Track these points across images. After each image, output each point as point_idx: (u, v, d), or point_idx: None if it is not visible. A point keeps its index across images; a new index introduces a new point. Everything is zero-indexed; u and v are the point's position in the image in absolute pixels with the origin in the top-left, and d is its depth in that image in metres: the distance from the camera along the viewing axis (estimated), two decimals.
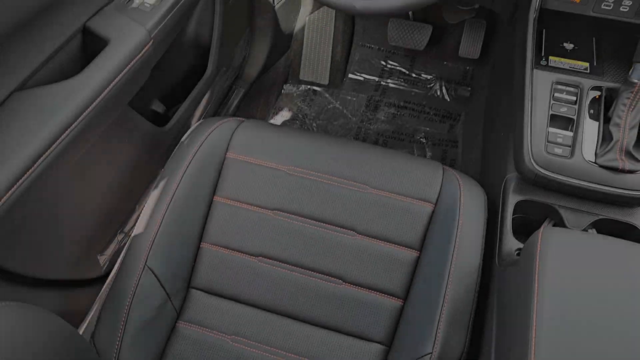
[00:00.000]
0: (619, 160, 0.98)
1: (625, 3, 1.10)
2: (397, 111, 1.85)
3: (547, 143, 1.02)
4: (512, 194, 1.06)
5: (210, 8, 1.45)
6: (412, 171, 1.05)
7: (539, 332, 0.66)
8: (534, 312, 0.68)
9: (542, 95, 1.06)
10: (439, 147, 1.74)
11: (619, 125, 0.99)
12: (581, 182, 0.99)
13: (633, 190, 0.98)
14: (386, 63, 1.95)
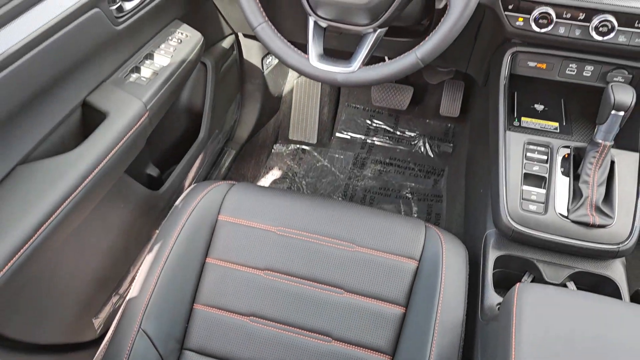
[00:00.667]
0: (590, 216, 1.04)
1: (587, 68, 1.18)
2: (383, 168, 1.92)
3: (522, 200, 1.08)
4: (492, 250, 1.11)
5: (202, 77, 1.54)
6: (396, 229, 1.10)
7: None
8: None
9: (515, 155, 1.13)
10: (424, 202, 1.80)
11: (588, 183, 1.06)
12: (555, 237, 1.04)
13: (604, 244, 1.03)
14: (371, 122, 2.04)
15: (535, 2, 1.06)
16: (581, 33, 1.07)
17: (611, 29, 1.03)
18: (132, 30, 1.15)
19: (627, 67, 1.15)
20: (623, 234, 1.03)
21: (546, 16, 1.05)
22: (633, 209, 1.05)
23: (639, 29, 1.04)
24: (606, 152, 1.05)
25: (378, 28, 1.01)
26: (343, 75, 1.01)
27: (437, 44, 0.96)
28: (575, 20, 1.06)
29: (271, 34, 1.05)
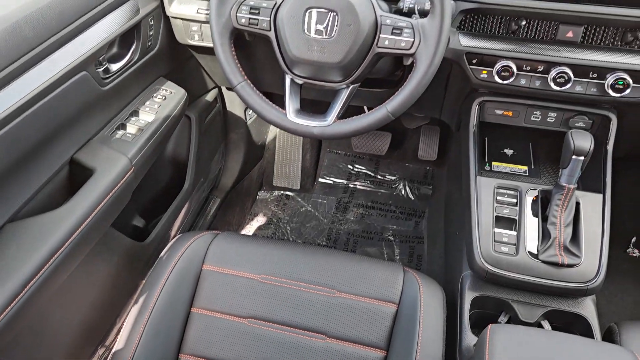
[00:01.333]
0: (559, 256, 1.09)
1: (550, 115, 1.26)
2: (366, 211, 1.97)
3: (494, 242, 1.13)
4: (468, 291, 1.15)
5: (187, 130, 1.60)
6: (375, 274, 1.14)
7: None
8: None
9: (486, 199, 1.18)
10: (406, 244, 1.84)
11: (555, 224, 1.11)
12: (527, 277, 1.09)
13: (574, 282, 1.08)
14: (353, 167, 2.10)
15: (496, 56, 1.14)
16: (541, 84, 1.14)
17: (568, 80, 1.11)
18: (118, 89, 1.21)
19: (587, 114, 1.23)
20: (591, 273, 1.08)
21: (508, 69, 1.13)
22: (599, 248, 1.10)
23: (593, 80, 1.11)
24: (571, 195, 1.11)
25: (351, 84, 1.08)
26: (319, 128, 1.07)
27: (405, 98, 1.03)
28: (535, 73, 1.14)
29: (250, 92, 1.11)
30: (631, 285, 1.70)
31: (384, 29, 1.00)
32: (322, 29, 1.01)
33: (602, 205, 1.15)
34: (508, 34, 1.14)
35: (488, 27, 1.15)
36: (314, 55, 1.03)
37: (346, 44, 1.00)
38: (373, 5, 1.02)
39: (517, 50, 1.13)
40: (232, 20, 1.06)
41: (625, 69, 1.09)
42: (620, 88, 1.09)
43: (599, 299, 1.63)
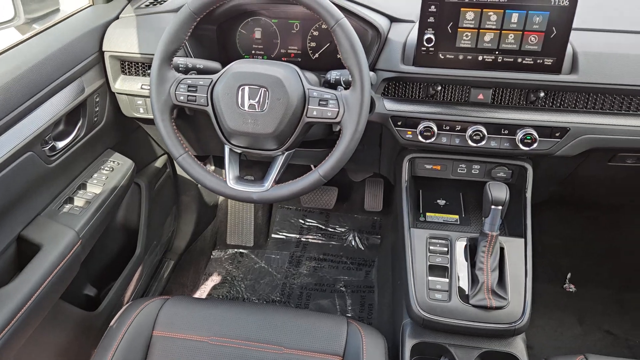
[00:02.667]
0: (487, 299, 1.17)
1: (474, 167, 1.37)
2: (318, 264, 2.03)
3: (429, 290, 1.21)
4: (408, 339, 1.21)
5: (137, 197, 1.64)
6: (321, 328, 1.19)
7: None
8: None
9: (420, 250, 1.27)
10: (357, 294, 1.90)
11: (483, 269, 1.20)
12: (461, 322, 1.16)
13: (502, 323, 1.16)
14: (304, 221, 2.17)
15: (418, 118, 1.25)
16: (460, 141, 1.26)
17: (483, 137, 1.23)
18: (65, 165, 1.26)
19: (506, 165, 1.35)
20: (517, 313, 1.16)
21: (429, 129, 1.24)
22: (523, 289, 1.19)
23: (505, 136, 1.24)
24: (494, 241, 1.20)
25: (286, 151, 1.16)
26: (257, 194, 1.14)
27: (335, 163, 1.11)
28: (454, 132, 1.25)
29: (191, 163, 1.18)
30: (569, 320, 1.80)
31: (312, 100, 1.10)
32: (254, 103, 1.10)
33: (524, 249, 1.25)
34: (428, 97, 1.26)
35: (409, 92, 1.27)
36: (248, 127, 1.11)
37: (277, 116, 1.09)
38: (301, 80, 1.12)
39: (436, 112, 1.24)
40: (172, 97, 1.14)
41: (532, 125, 1.22)
42: (529, 142, 1.22)
43: (538, 333, 1.72)
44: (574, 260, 1.98)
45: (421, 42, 1.18)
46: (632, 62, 1.17)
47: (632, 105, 1.20)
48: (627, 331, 1.75)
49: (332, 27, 1.05)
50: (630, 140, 1.21)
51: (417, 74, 1.21)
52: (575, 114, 1.21)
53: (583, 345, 1.71)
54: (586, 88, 1.18)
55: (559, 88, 1.19)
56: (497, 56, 1.17)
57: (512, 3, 1.11)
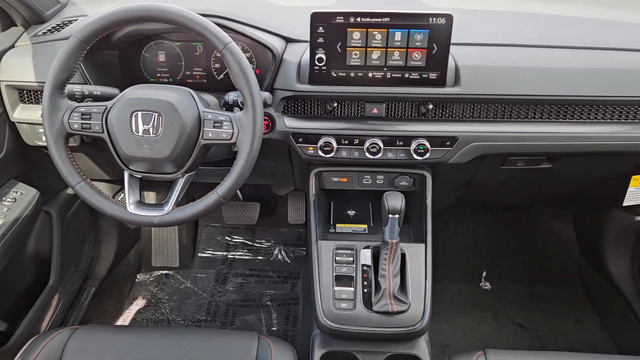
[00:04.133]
0: (389, 305, 1.22)
1: (379, 177, 1.43)
2: (245, 280, 2.04)
3: (335, 300, 1.25)
4: (317, 349, 1.25)
5: (47, 225, 1.60)
6: (231, 346, 1.20)
7: None
8: None
9: (326, 261, 1.31)
10: (283, 307, 1.92)
11: (385, 276, 1.25)
12: (365, 329, 1.21)
13: (404, 327, 1.21)
14: (231, 238, 2.18)
15: (318, 134, 1.30)
16: (359, 154, 1.31)
17: (379, 149, 1.28)
18: None
19: (408, 174, 1.41)
20: (418, 316, 1.22)
21: (329, 144, 1.29)
22: (423, 293, 1.25)
23: (400, 147, 1.30)
24: (395, 248, 1.25)
25: (185, 173, 1.18)
26: (158, 217, 1.15)
27: (233, 183, 1.14)
28: (352, 145, 1.31)
29: (89, 190, 1.17)
30: (485, 316, 1.89)
31: (207, 123, 1.12)
32: (148, 128, 1.11)
33: (424, 254, 1.32)
34: (326, 113, 1.31)
35: (308, 109, 1.31)
36: (144, 152, 1.12)
37: (172, 140, 1.10)
38: (196, 103, 1.14)
39: (334, 127, 1.29)
40: (65, 126, 1.14)
41: (424, 136, 1.28)
42: (422, 152, 1.28)
43: (456, 331, 1.80)
44: (489, 259, 2.08)
45: (313, 61, 1.22)
46: (510, 73, 1.25)
47: (513, 113, 1.29)
48: (537, 323, 1.86)
49: (221, 51, 1.08)
50: (514, 146, 1.30)
51: (312, 92, 1.26)
52: (463, 123, 1.29)
53: (497, 340, 1.80)
54: (469, 99, 1.26)
55: (445, 100, 1.26)
56: (385, 72, 1.23)
57: (394, 22, 1.17)
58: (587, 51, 1.33)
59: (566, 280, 2.02)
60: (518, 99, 1.26)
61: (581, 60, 1.30)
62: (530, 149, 1.32)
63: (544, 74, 1.26)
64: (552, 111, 1.29)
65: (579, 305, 1.93)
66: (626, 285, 1.83)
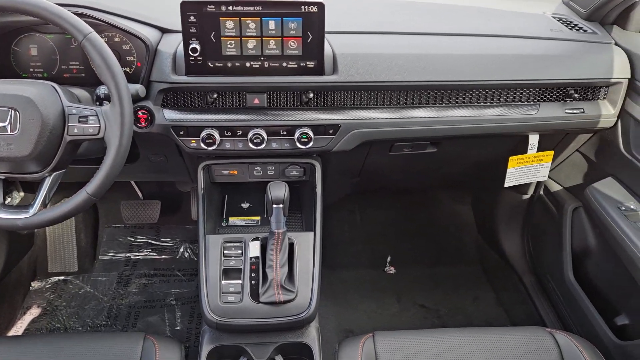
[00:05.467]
0: (276, 295, 1.22)
1: (269, 168, 1.41)
2: (148, 280, 1.98)
3: (222, 294, 1.23)
4: (205, 344, 1.23)
5: None
6: (114, 349, 1.16)
7: None
8: None
9: (214, 255, 1.28)
10: (187, 305, 1.89)
11: (272, 266, 1.24)
12: (252, 321, 1.20)
13: (292, 316, 1.21)
14: (134, 238, 2.11)
15: (199, 126, 1.27)
16: (243, 145, 1.29)
17: (263, 140, 1.27)
18: None
19: (297, 163, 1.41)
20: (305, 304, 1.22)
21: (211, 137, 1.26)
22: (311, 281, 1.26)
23: (284, 137, 1.29)
24: (282, 238, 1.25)
25: (53, 172, 1.11)
26: (23, 220, 1.08)
27: (103, 180, 1.09)
28: (236, 137, 1.29)
29: None
30: (389, 300, 1.94)
31: (71, 118, 1.07)
32: (5, 125, 1.04)
33: (313, 242, 1.32)
34: (207, 105, 1.28)
35: (188, 101, 1.28)
36: (2, 151, 1.05)
37: (32, 137, 1.04)
38: (60, 97, 1.08)
39: (216, 119, 1.27)
40: None
41: (307, 125, 1.29)
42: (306, 141, 1.28)
43: (360, 316, 1.83)
44: (393, 244, 2.13)
45: (187, 52, 1.19)
46: (386, 60, 1.28)
47: (392, 100, 1.32)
48: (438, 303, 1.93)
49: (80, 42, 1.03)
50: (396, 132, 1.33)
51: (189, 83, 1.23)
52: (344, 111, 1.30)
53: (400, 322, 1.85)
54: (348, 86, 1.27)
55: (324, 88, 1.27)
56: (263, 62, 1.22)
57: (267, 11, 1.16)
58: (461, 38, 1.38)
59: (465, 260, 2.11)
60: (395, 85, 1.28)
61: (455, 46, 1.35)
62: (412, 134, 1.35)
63: (419, 60, 1.29)
64: (429, 96, 1.33)
65: (477, 283, 2.01)
66: (518, 261, 1.93)
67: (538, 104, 1.37)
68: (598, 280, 1.54)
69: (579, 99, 1.38)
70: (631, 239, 1.25)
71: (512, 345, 1.18)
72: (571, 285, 1.57)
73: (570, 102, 1.39)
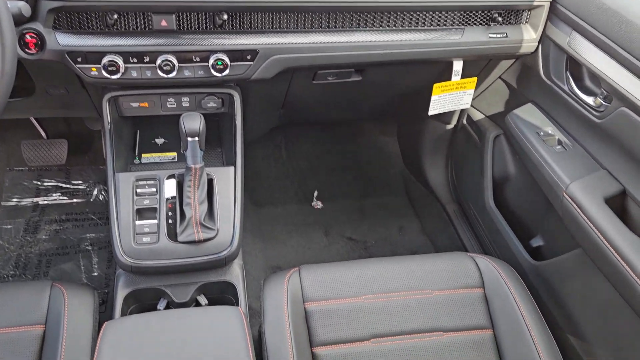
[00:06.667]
0: (195, 233, 1.15)
1: (184, 100, 1.31)
2: (60, 226, 1.84)
3: (136, 235, 1.14)
4: (120, 289, 1.15)
5: None
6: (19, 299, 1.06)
7: None
8: None
9: (126, 195, 1.19)
10: (105, 250, 1.78)
11: (190, 204, 1.17)
12: (171, 261, 1.13)
13: (213, 254, 1.16)
14: (41, 182, 1.94)
15: (100, 52, 1.13)
16: (152, 74, 1.17)
17: (174, 67, 1.16)
18: None
19: (215, 94, 1.31)
20: (226, 242, 1.17)
21: (114, 64, 1.13)
22: (232, 217, 1.20)
23: (198, 63, 1.18)
24: (199, 174, 1.17)
25: None
26: None
27: None
28: (143, 64, 1.16)
29: None
30: (317, 234, 1.92)
31: None
32: None
33: (234, 177, 1.25)
34: (107, 28, 1.14)
35: (85, 23, 1.13)
36: None
37: None
38: None
39: (119, 44, 1.13)
40: None
41: (222, 50, 1.18)
42: (222, 68, 1.18)
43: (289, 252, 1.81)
44: (321, 178, 2.10)
45: None
46: None
47: (314, 23, 1.23)
48: (365, 234, 1.94)
49: None
50: (318, 57, 1.26)
51: (84, 1, 1.08)
52: (262, 35, 1.20)
53: (328, 255, 1.84)
54: (265, 7, 1.16)
55: (239, 9, 1.16)
56: None
57: None
58: None
59: (392, 192, 2.12)
60: (316, 6, 1.19)
61: None
62: (335, 60, 1.28)
63: None
64: (352, 19, 1.25)
65: (403, 213, 2.04)
66: (441, 191, 1.97)
67: (462, 28, 1.33)
68: (516, 206, 1.59)
69: (502, 23, 1.36)
70: (548, 162, 1.27)
71: (435, 271, 1.19)
72: (491, 211, 1.61)
73: (494, 27, 1.36)
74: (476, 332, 1.13)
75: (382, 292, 1.15)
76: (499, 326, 1.14)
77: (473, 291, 1.18)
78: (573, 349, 1.25)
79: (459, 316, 1.14)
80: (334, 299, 1.13)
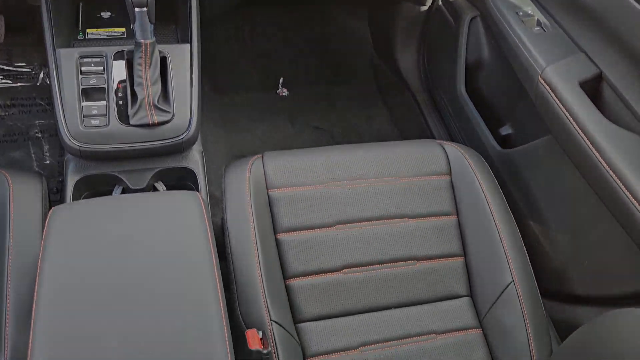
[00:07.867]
0: (149, 116, 1.07)
1: None
2: (5, 112, 1.71)
3: (83, 118, 1.05)
4: (70, 175, 1.08)
5: None
6: None
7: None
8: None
9: (69, 73, 1.08)
10: (56, 137, 1.67)
11: (142, 84, 1.07)
12: (123, 146, 1.06)
13: (169, 138, 1.08)
14: None
15: None
16: None
17: None
18: None
19: None
20: (184, 125, 1.09)
21: None
22: (189, 99, 1.11)
23: None
24: (150, 50, 1.06)
25: None
26: None
27: None
28: None
29: None
30: (283, 123, 1.85)
31: None
32: None
33: (190, 55, 1.15)
34: None
35: None
36: None
37: None
38: None
39: None
40: None
41: None
42: None
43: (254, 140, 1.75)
44: (285, 64, 1.99)
45: None
46: None
47: None
48: (332, 123, 1.88)
49: None
50: None
51: None
52: None
53: (294, 144, 1.79)
54: None
55: None
56: None
57: None
58: None
59: (361, 79, 2.03)
60: None
61: None
62: None
63: None
64: None
65: (371, 102, 1.97)
66: (412, 78, 1.89)
67: None
68: (488, 93, 1.54)
69: None
70: (525, 44, 1.20)
71: (402, 157, 1.16)
72: (462, 98, 1.56)
73: None
74: (441, 217, 1.12)
75: (348, 178, 1.11)
76: (463, 212, 1.13)
77: (440, 178, 1.15)
78: (534, 235, 1.27)
79: (424, 202, 1.12)
80: (298, 186, 1.09)
